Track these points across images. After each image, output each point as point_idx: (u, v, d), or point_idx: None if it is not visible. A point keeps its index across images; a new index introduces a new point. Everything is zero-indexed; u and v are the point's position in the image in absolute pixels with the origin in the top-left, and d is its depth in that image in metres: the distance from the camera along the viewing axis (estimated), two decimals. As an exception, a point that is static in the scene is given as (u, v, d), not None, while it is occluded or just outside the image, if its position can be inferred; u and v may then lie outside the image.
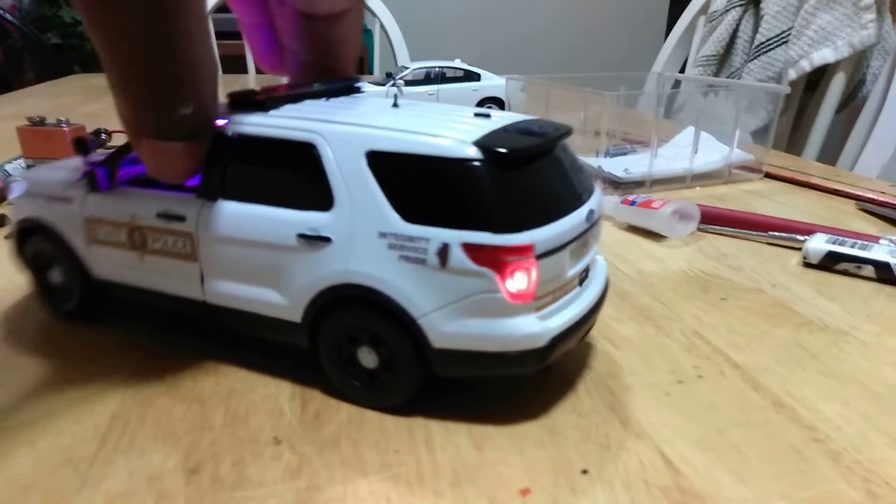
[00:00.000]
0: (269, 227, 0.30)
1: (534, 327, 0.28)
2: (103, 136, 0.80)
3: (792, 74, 1.09)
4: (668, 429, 0.30)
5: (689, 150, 0.72)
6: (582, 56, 3.13)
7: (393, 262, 0.28)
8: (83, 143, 0.36)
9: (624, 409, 0.31)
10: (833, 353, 0.37)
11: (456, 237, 0.27)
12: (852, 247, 0.48)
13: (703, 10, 1.35)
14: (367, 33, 2.78)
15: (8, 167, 0.62)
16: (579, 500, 0.25)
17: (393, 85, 0.95)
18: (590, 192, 0.32)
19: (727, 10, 1.22)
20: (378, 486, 0.26)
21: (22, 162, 0.63)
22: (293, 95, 0.32)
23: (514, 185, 0.28)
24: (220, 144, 0.31)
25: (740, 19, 1.21)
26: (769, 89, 0.76)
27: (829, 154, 1.15)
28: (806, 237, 0.51)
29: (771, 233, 0.54)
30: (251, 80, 1.56)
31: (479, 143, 0.27)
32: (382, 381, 0.30)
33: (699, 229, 0.56)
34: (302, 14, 0.33)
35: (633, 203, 0.56)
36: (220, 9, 1.68)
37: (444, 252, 0.27)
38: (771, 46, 1.14)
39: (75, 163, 0.38)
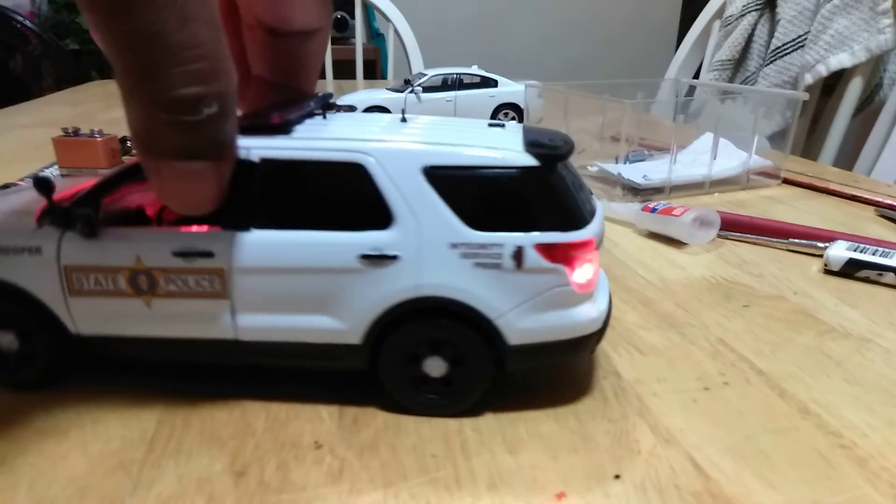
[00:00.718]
0: (322, 251, 0.30)
1: (593, 312, 0.31)
2: (129, 143, 0.82)
3: (808, 79, 1.09)
4: (696, 435, 0.31)
5: (707, 156, 0.73)
6: (594, 60, 3.14)
7: (468, 269, 0.29)
8: (46, 184, 0.30)
9: (653, 415, 0.32)
10: (857, 360, 0.38)
11: (528, 239, 0.29)
12: (873, 254, 0.48)
13: (718, 14, 1.35)
14: (380, 38, 2.80)
15: (41, 175, 0.63)
16: (613, 504, 0.26)
17: (411, 92, 0.96)
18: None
19: (743, 15, 1.22)
20: (418, 490, 0.27)
21: (55, 170, 0.65)
22: (298, 117, 0.32)
23: (567, 187, 0.30)
24: (245, 170, 0.29)
25: (756, 24, 1.21)
26: (787, 96, 0.77)
27: (846, 158, 1.15)
28: (826, 244, 0.52)
29: (791, 240, 0.55)
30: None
31: (531, 151, 0.29)
32: (454, 388, 0.31)
33: (719, 236, 0.57)
34: (272, 31, 0.31)
35: (653, 210, 0.57)
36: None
37: (518, 254, 0.29)
38: (787, 51, 1.14)
39: (14, 204, 0.34)
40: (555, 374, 0.35)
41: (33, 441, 0.29)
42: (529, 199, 0.29)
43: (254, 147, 0.29)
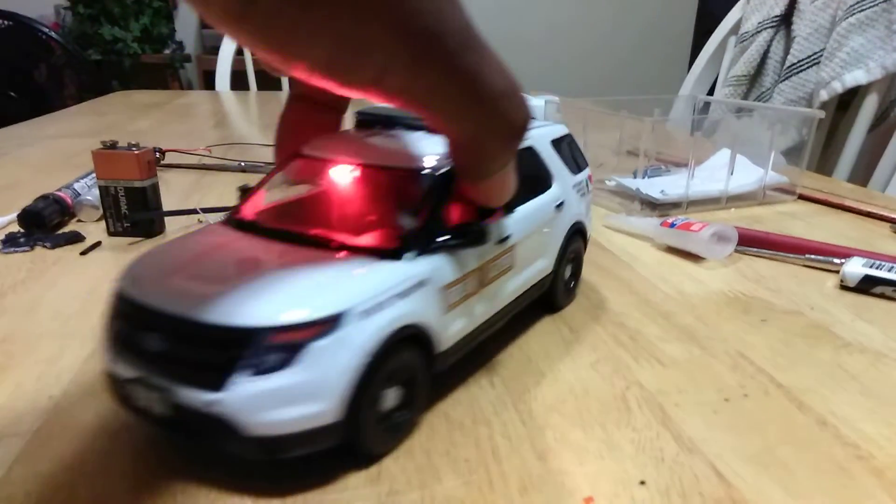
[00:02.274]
0: (543, 212, 0.41)
1: None
2: (157, 154, 0.84)
3: (824, 95, 1.10)
4: (718, 445, 0.32)
5: (723, 171, 0.74)
6: (608, 74, 3.16)
7: (579, 199, 0.46)
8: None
9: (675, 425, 0.33)
10: (872, 374, 0.39)
11: (586, 173, 0.48)
12: (889, 271, 0.49)
13: (734, 31, 1.37)
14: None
15: (76, 186, 0.65)
16: (639, 508, 0.28)
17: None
18: None
19: (758, 32, 1.23)
20: (453, 492, 0.28)
21: (89, 180, 0.67)
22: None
23: None
24: None
25: (771, 40, 1.22)
26: (804, 113, 0.78)
27: (860, 174, 1.15)
28: (843, 260, 0.53)
29: (808, 255, 0.56)
30: (284, 97, 1.60)
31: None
32: (574, 275, 0.48)
33: (737, 251, 0.58)
34: None
35: (672, 225, 0.58)
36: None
37: (586, 184, 0.47)
38: (802, 67, 1.15)
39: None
40: (581, 384, 0.37)
41: (90, 443, 0.31)
42: (579, 150, 0.47)
43: None
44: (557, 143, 0.44)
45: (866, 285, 0.50)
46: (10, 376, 0.37)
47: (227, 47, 1.71)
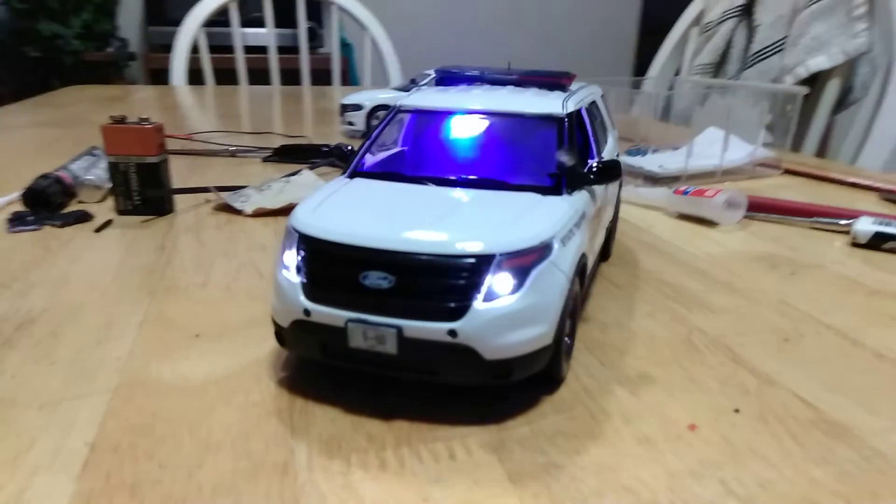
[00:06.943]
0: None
1: None
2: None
3: (789, 80, 1.15)
4: (792, 376, 0.33)
5: (713, 147, 0.76)
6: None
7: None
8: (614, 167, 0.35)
9: (747, 362, 0.35)
10: (907, 315, 0.41)
11: (616, 131, 0.51)
12: (896, 227, 0.52)
13: (696, 22, 1.41)
14: (349, 47, 2.81)
15: (73, 167, 0.63)
16: (741, 432, 0.28)
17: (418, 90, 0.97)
18: None
19: (721, 22, 1.28)
20: (560, 426, 0.28)
21: (84, 162, 0.64)
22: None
23: None
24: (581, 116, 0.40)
25: (734, 30, 1.27)
26: (787, 91, 0.81)
27: (824, 155, 1.21)
28: (849, 221, 0.55)
29: (815, 218, 0.58)
30: (243, 91, 1.57)
31: None
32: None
33: (746, 216, 0.60)
34: None
35: (685, 192, 0.60)
36: (212, 22, 1.69)
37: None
38: (766, 55, 1.20)
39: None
40: (644, 331, 0.38)
41: (176, 398, 0.30)
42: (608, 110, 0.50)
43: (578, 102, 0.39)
44: (603, 101, 0.48)
45: (877, 242, 0.53)
46: (67, 342, 0.35)
47: (182, 43, 1.66)
